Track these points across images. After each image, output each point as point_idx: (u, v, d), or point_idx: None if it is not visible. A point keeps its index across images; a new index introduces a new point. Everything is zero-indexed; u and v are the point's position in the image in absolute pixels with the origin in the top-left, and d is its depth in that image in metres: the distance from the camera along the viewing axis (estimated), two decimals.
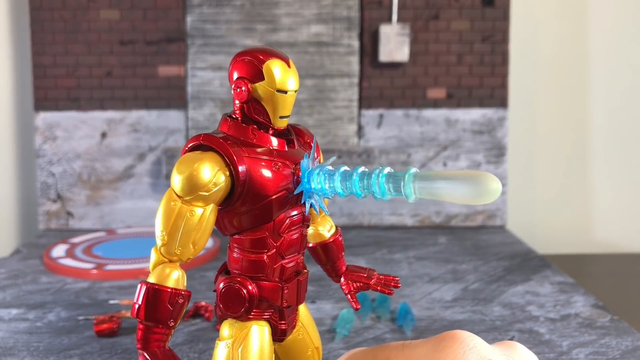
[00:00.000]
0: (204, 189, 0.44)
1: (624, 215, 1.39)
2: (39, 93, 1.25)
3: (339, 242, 0.57)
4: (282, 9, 1.24)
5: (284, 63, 0.48)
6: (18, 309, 0.84)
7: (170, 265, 0.45)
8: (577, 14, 1.34)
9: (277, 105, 0.48)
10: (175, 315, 0.44)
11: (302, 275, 0.51)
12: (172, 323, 0.44)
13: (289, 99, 0.48)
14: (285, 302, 0.49)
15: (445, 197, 0.40)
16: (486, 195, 0.38)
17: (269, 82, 0.47)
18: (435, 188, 0.40)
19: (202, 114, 1.25)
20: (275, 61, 0.47)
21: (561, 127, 1.37)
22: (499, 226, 1.28)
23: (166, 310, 0.43)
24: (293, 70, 0.48)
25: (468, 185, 0.39)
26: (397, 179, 0.42)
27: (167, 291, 0.44)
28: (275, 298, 0.48)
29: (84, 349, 0.73)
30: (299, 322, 0.53)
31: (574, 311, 0.84)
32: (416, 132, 1.27)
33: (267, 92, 0.47)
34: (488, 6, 1.25)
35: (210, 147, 0.46)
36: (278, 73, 0.47)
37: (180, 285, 0.45)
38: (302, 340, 0.54)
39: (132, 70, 1.25)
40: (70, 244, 1.11)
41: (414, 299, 0.88)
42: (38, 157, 1.25)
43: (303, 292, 0.51)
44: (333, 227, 0.57)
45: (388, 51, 1.22)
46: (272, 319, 0.49)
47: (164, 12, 1.24)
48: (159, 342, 0.44)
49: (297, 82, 0.48)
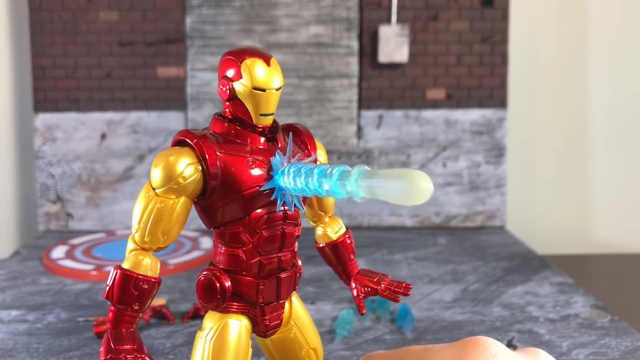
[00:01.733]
0: (174, 181, 0.46)
1: (624, 215, 1.39)
2: (39, 94, 1.25)
3: (347, 244, 0.56)
4: (282, 10, 1.24)
5: (263, 61, 0.48)
6: (18, 311, 0.84)
7: (142, 252, 0.47)
8: (576, 14, 1.34)
9: (256, 104, 0.48)
10: (140, 300, 0.46)
11: (286, 272, 0.51)
12: (136, 307, 0.46)
13: (268, 97, 0.48)
14: (261, 298, 0.49)
15: (382, 197, 0.38)
16: (415, 196, 0.36)
17: (247, 80, 0.48)
18: (374, 187, 0.38)
19: (201, 114, 1.25)
20: (253, 60, 0.48)
21: (561, 127, 1.37)
22: (499, 227, 1.28)
23: (131, 294, 0.46)
24: (273, 69, 0.48)
25: (399, 184, 0.37)
26: (345, 177, 0.41)
27: (133, 276, 0.46)
28: (251, 293, 0.49)
29: (84, 350, 0.73)
30: (291, 320, 0.53)
31: (574, 312, 0.84)
32: (416, 132, 1.27)
33: (246, 90, 0.48)
34: (487, 7, 1.25)
35: (187, 143, 0.48)
36: (255, 71, 0.48)
37: (149, 272, 0.47)
38: (295, 340, 0.53)
39: (131, 72, 1.25)
40: (69, 245, 1.11)
41: (414, 299, 0.88)
42: (37, 158, 1.25)
43: (285, 290, 0.51)
44: (342, 228, 0.56)
45: (387, 52, 1.22)
46: (251, 313, 0.50)
47: (163, 13, 1.24)
48: (126, 323, 0.46)
49: (277, 81, 0.48)
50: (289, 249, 0.51)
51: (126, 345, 0.45)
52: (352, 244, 0.57)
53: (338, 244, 0.56)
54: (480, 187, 1.28)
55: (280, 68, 0.49)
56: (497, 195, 1.28)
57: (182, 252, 1.07)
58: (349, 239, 0.56)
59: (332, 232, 0.56)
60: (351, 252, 0.56)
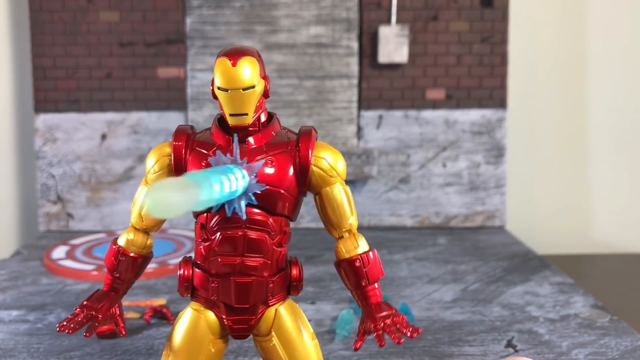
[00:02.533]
0: (150, 171, 0.51)
1: (624, 215, 1.39)
2: (39, 95, 1.25)
3: (356, 266, 0.51)
4: (282, 10, 1.24)
5: (229, 61, 0.48)
6: (18, 311, 0.85)
7: (131, 230, 0.53)
8: (576, 14, 1.34)
9: (224, 103, 0.49)
10: (119, 269, 0.52)
11: (245, 277, 0.49)
12: (117, 274, 0.53)
13: (233, 96, 0.48)
14: (214, 296, 0.50)
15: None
16: (147, 208, 0.35)
17: (215, 79, 0.49)
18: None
19: (201, 115, 1.25)
20: (221, 59, 0.48)
21: (560, 127, 1.37)
22: (498, 227, 1.28)
23: (111, 262, 0.52)
24: (238, 69, 0.48)
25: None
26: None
27: (114, 248, 0.53)
28: (204, 288, 0.51)
29: (85, 350, 0.73)
30: (272, 332, 0.52)
31: (574, 311, 0.84)
32: (415, 133, 1.27)
33: (215, 90, 0.49)
34: (487, 7, 1.25)
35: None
36: (219, 71, 0.48)
37: (131, 247, 0.52)
38: (274, 350, 0.52)
39: (131, 72, 1.25)
40: (70, 246, 1.11)
41: (414, 299, 0.88)
42: (38, 158, 1.26)
43: (245, 295, 0.50)
44: (358, 248, 0.52)
45: (387, 52, 1.22)
46: (215, 310, 0.51)
47: (164, 13, 1.24)
48: (107, 285, 0.53)
49: (240, 81, 0.47)
50: (259, 256, 0.49)
51: (89, 302, 0.51)
52: (364, 269, 0.51)
53: (346, 264, 0.51)
54: (480, 188, 1.28)
55: (254, 67, 0.48)
56: (497, 196, 1.28)
57: (182, 252, 1.07)
58: (359, 262, 0.51)
59: (345, 250, 0.52)
60: (361, 278, 0.51)
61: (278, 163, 0.50)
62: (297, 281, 0.53)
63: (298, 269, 0.53)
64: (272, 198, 0.49)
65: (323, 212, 0.52)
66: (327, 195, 0.52)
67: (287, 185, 0.50)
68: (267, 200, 0.49)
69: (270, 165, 0.49)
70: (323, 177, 0.51)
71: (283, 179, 0.50)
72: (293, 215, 0.52)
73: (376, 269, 0.52)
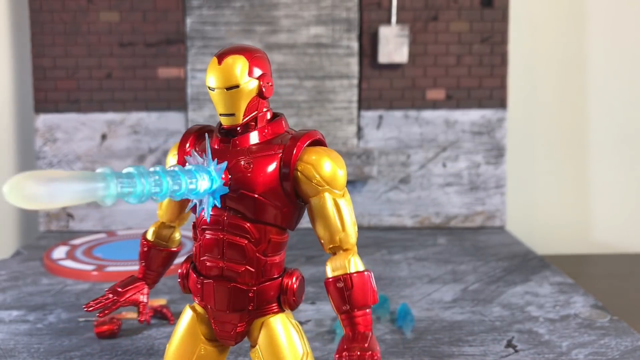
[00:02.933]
0: (167, 166, 0.49)
1: (624, 215, 1.39)
2: (39, 95, 1.25)
3: (334, 288, 0.46)
4: (282, 10, 1.24)
5: (216, 60, 0.48)
6: (18, 311, 0.85)
7: (157, 222, 0.55)
8: (576, 14, 1.34)
9: (214, 103, 0.49)
10: (142, 257, 0.55)
11: (224, 282, 0.48)
12: (142, 263, 0.55)
13: (218, 96, 0.48)
14: (198, 298, 0.50)
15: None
16: (4, 194, 0.34)
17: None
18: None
19: (202, 115, 1.25)
20: (213, 59, 0.49)
21: (560, 127, 1.37)
22: (498, 227, 1.28)
23: (139, 251, 0.56)
24: (222, 68, 0.48)
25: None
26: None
27: (140, 238, 0.55)
28: (192, 289, 0.51)
29: (85, 350, 0.73)
30: (257, 346, 0.49)
31: (574, 312, 0.84)
32: (415, 133, 1.27)
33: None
34: (487, 7, 1.25)
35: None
36: (208, 69, 0.49)
37: (153, 238, 0.55)
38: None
39: (132, 72, 1.25)
40: (70, 246, 1.11)
41: (414, 299, 0.88)
42: (38, 159, 1.26)
43: (222, 300, 0.48)
44: (342, 269, 0.46)
45: (387, 52, 1.22)
46: (204, 309, 0.51)
47: (164, 14, 1.24)
48: (138, 273, 0.56)
49: (223, 80, 0.47)
50: (241, 262, 0.47)
51: (117, 286, 0.54)
52: (346, 292, 0.46)
53: (329, 284, 0.47)
54: (480, 188, 1.28)
55: (241, 67, 0.48)
56: (497, 196, 1.28)
57: (182, 253, 1.07)
58: (341, 282, 0.46)
59: (331, 268, 0.47)
60: (343, 301, 0.46)
61: (257, 167, 0.47)
62: (288, 294, 0.49)
63: (292, 281, 0.49)
64: (246, 203, 0.47)
65: (312, 224, 0.48)
66: (315, 206, 0.47)
67: (264, 191, 0.47)
68: (242, 205, 0.47)
69: (246, 168, 0.47)
70: (308, 185, 0.47)
71: (259, 183, 0.46)
72: (282, 224, 0.48)
73: (363, 294, 0.46)
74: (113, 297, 0.54)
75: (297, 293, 0.49)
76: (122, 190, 0.38)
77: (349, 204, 0.48)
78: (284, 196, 0.47)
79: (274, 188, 0.47)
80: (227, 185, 0.46)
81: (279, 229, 0.48)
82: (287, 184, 0.47)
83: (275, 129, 0.49)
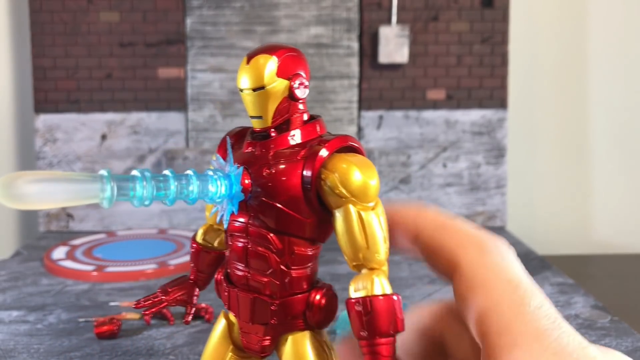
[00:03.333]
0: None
1: (624, 215, 1.39)
2: (39, 95, 1.25)
3: (354, 311, 0.41)
4: (282, 10, 1.24)
5: (245, 59, 0.45)
6: (18, 311, 0.84)
7: (204, 224, 0.53)
8: (576, 14, 1.34)
9: (244, 104, 0.45)
10: (192, 259, 0.53)
11: (249, 293, 0.45)
12: (192, 265, 0.53)
13: (245, 97, 0.45)
14: (226, 305, 0.47)
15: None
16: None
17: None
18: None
19: (202, 115, 1.25)
20: (243, 58, 0.45)
21: (561, 127, 1.37)
22: (499, 227, 1.28)
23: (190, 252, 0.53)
24: (251, 67, 0.44)
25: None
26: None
27: (190, 241, 0.53)
28: (220, 295, 0.49)
29: (85, 350, 0.73)
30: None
31: (574, 312, 0.84)
32: (416, 133, 1.27)
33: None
34: (487, 7, 1.25)
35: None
36: (238, 70, 0.45)
37: (201, 240, 0.52)
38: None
39: (132, 72, 1.25)
40: (70, 246, 1.11)
41: (414, 300, 0.88)
42: (38, 159, 1.26)
43: (245, 311, 0.46)
44: (365, 290, 0.41)
45: (387, 52, 1.22)
46: (231, 318, 0.49)
47: (164, 14, 1.24)
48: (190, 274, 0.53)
49: (250, 81, 0.44)
50: (263, 274, 0.45)
51: (166, 286, 0.52)
52: (364, 318, 0.41)
53: (348, 305, 0.42)
54: (480, 188, 1.28)
55: (270, 66, 0.44)
56: (498, 196, 1.28)
57: (183, 253, 1.07)
58: (359, 305, 0.41)
59: (352, 289, 0.42)
60: (357, 327, 0.41)
61: (278, 174, 0.43)
62: (314, 311, 0.45)
63: (320, 296, 0.45)
64: (268, 212, 0.44)
65: (336, 238, 0.44)
66: (338, 218, 0.43)
67: (285, 199, 0.43)
68: (264, 213, 0.44)
69: (267, 175, 0.44)
70: (331, 196, 0.43)
71: (279, 191, 0.43)
72: (307, 235, 0.45)
73: (384, 320, 0.40)
74: (161, 297, 0.53)
75: (324, 310, 0.45)
76: (119, 192, 0.37)
77: (379, 218, 0.43)
78: (308, 206, 0.44)
79: (296, 197, 0.43)
80: (249, 192, 0.44)
81: (305, 240, 0.45)
82: (310, 193, 0.43)
83: (308, 133, 0.45)
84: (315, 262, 0.46)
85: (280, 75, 0.44)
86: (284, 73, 0.44)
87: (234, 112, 1.27)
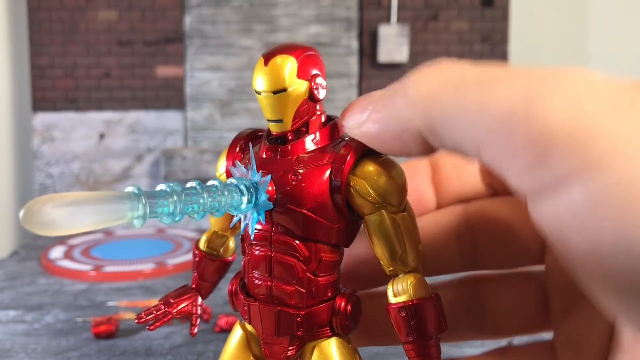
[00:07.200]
0: (218, 174, 0.47)
1: None
2: (37, 94, 1.25)
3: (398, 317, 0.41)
4: (281, 9, 1.23)
5: (262, 60, 0.43)
6: (16, 311, 0.84)
7: (208, 231, 0.51)
8: (576, 14, 1.34)
9: (261, 108, 0.44)
10: (195, 267, 0.51)
11: (273, 306, 0.44)
12: (195, 273, 0.51)
13: (262, 100, 0.43)
14: (246, 318, 0.46)
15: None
16: (21, 219, 0.31)
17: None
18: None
19: (200, 114, 1.25)
20: (259, 59, 0.43)
21: None
22: None
23: (192, 260, 0.52)
24: (268, 69, 0.42)
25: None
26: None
27: (192, 248, 0.51)
28: (239, 307, 0.46)
29: (82, 350, 0.72)
30: None
31: None
32: None
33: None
34: (487, 7, 1.25)
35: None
36: (254, 72, 0.43)
37: (204, 247, 0.51)
38: None
39: (130, 71, 1.25)
40: (68, 246, 1.11)
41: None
42: (36, 158, 1.25)
43: (269, 324, 0.44)
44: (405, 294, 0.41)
45: (387, 52, 1.22)
46: (248, 328, 0.47)
47: (162, 12, 1.23)
48: (192, 283, 0.52)
49: (269, 83, 0.42)
50: (291, 282, 0.44)
51: (168, 297, 0.51)
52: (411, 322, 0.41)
53: (391, 311, 0.41)
54: None
55: (290, 67, 0.42)
56: None
57: (181, 253, 1.06)
58: (403, 311, 0.41)
59: (391, 293, 0.41)
60: (400, 330, 0.41)
61: (305, 179, 0.42)
62: (341, 318, 0.44)
63: (345, 302, 0.44)
64: (294, 219, 0.43)
65: (369, 243, 0.43)
66: (371, 224, 0.42)
67: (313, 206, 0.42)
68: (289, 220, 0.43)
69: (293, 180, 0.42)
70: (363, 202, 0.42)
71: (307, 198, 0.42)
72: (335, 241, 0.44)
73: (429, 322, 0.41)
74: (164, 309, 0.50)
75: (350, 316, 0.45)
76: (152, 210, 0.35)
77: (410, 220, 0.42)
78: (336, 211, 0.42)
79: (324, 203, 0.42)
80: (273, 199, 0.42)
81: (331, 246, 0.44)
82: (338, 198, 0.42)
83: (328, 135, 0.44)
84: (339, 268, 0.45)
85: (300, 77, 0.43)
86: (304, 74, 0.43)
87: (232, 111, 1.27)
